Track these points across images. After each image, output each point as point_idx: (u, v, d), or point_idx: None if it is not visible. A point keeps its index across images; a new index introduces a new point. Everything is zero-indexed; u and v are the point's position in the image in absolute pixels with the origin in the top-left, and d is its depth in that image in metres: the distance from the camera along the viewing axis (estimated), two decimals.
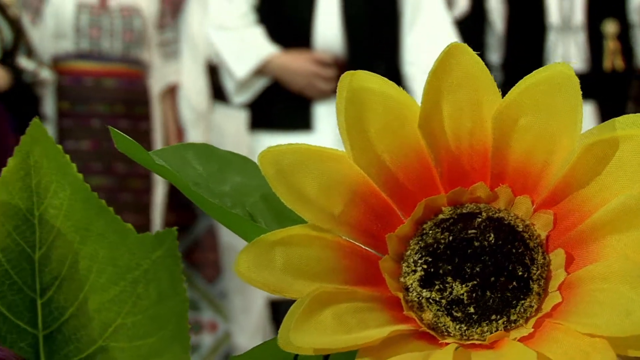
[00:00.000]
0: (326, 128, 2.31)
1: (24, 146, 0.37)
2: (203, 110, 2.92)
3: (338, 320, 0.30)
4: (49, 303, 0.38)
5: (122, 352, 0.39)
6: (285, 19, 2.30)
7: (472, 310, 0.31)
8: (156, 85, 2.94)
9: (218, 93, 2.84)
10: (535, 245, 0.32)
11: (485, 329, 0.31)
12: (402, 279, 0.32)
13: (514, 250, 0.32)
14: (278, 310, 2.73)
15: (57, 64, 2.83)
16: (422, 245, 0.32)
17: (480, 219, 0.32)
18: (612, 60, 2.75)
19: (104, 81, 2.84)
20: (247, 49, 2.30)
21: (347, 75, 0.32)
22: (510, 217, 0.32)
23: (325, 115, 2.33)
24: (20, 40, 2.64)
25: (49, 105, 2.82)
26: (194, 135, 2.95)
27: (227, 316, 3.18)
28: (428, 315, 0.32)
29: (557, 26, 2.76)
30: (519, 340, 0.31)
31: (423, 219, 0.33)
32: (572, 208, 0.32)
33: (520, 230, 0.32)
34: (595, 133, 0.31)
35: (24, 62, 2.66)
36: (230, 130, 2.78)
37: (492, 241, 0.32)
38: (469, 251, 0.32)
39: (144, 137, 2.85)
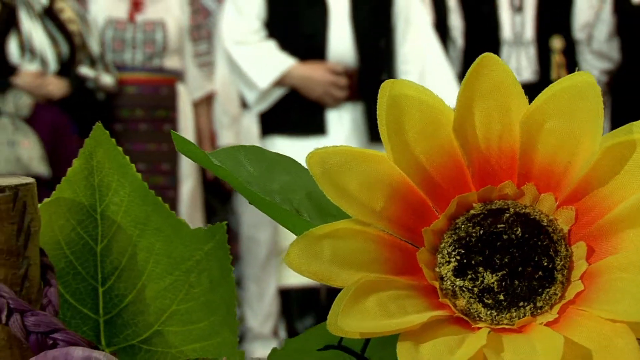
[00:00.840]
0: (337, 132, 2.45)
1: (88, 148, 0.39)
2: (235, 115, 3.02)
3: (381, 306, 0.31)
4: (110, 291, 0.40)
5: (176, 335, 0.40)
6: (300, 34, 2.42)
7: (501, 297, 0.32)
8: (193, 92, 3.08)
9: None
10: (559, 238, 0.33)
11: (514, 314, 0.32)
12: (437, 269, 0.33)
13: (539, 243, 0.33)
14: (288, 297, 2.77)
15: None
16: (455, 239, 0.33)
17: (508, 215, 0.33)
18: (558, 72, 2.95)
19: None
20: (267, 62, 2.42)
21: (387, 84, 0.33)
22: (535, 213, 0.33)
23: (336, 120, 2.46)
24: (78, 51, 2.79)
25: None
26: (226, 136, 3.07)
27: (240, 302, 3.20)
28: (461, 302, 0.33)
29: (510, 41, 2.97)
30: (545, 325, 0.32)
31: (456, 214, 0.34)
32: (593, 204, 0.33)
33: (545, 224, 0.33)
34: (614, 136, 0.32)
35: (84, 71, 2.81)
36: (257, 132, 2.86)
37: (519, 234, 0.33)
38: (498, 244, 0.33)
39: (167, 137, 2.91)
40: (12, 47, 2.67)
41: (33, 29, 2.70)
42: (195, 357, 0.40)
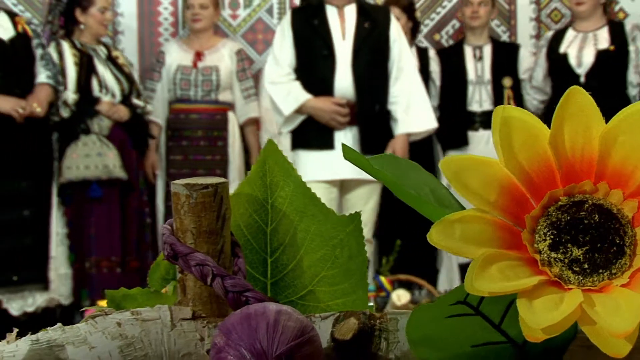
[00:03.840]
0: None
1: (262, 156, 0.41)
2: (274, 134, 3.43)
3: (501, 273, 0.34)
4: (276, 261, 0.42)
5: (324, 294, 0.42)
6: (316, 77, 2.86)
7: (586, 266, 0.35)
8: (239, 118, 3.58)
9: None
10: (626, 222, 0.36)
11: (595, 279, 0.35)
12: (536, 245, 0.36)
13: (611, 226, 0.36)
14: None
15: (168, 106, 3.71)
16: (548, 223, 0.36)
17: (587, 205, 0.36)
18: (508, 102, 3.47)
19: (190, 115, 3.52)
20: (290, 96, 2.84)
21: (500, 108, 0.36)
22: (607, 204, 0.36)
23: (342, 138, 2.85)
24: (133, 87, 3.31)
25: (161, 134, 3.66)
26: None
27: None
28: (555, 270, 0.35)
29: (473, 81, 3.46)
30: (620, 287, 0.34)
31: (548, 204, 0.36)
32: None
33: (615, 212, 0.36)
34: None
35: (135, 101, 3.31)
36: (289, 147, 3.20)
37: (597, 220, 0.36)
38: (581, 226, 0.36)
39: (219, 151, 3.49)
40: (94, 85, 3.21)
41: (105, 72, 3.23)
42: (338, 310, 0.42)
